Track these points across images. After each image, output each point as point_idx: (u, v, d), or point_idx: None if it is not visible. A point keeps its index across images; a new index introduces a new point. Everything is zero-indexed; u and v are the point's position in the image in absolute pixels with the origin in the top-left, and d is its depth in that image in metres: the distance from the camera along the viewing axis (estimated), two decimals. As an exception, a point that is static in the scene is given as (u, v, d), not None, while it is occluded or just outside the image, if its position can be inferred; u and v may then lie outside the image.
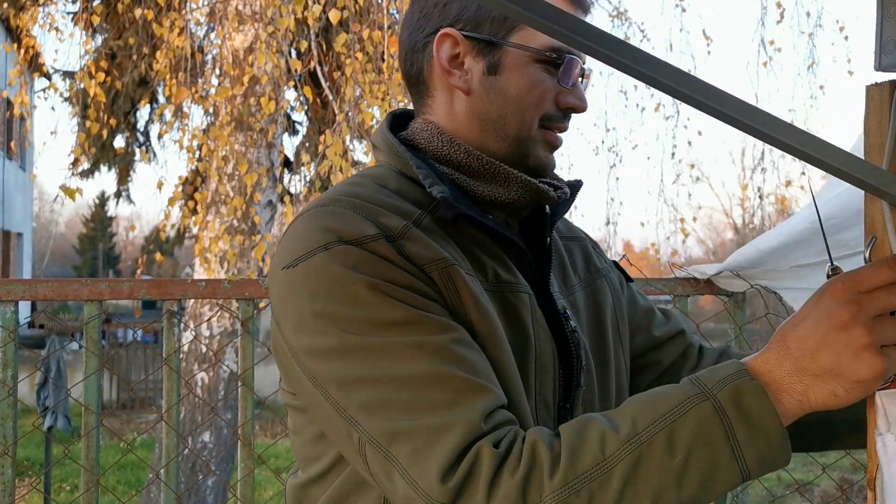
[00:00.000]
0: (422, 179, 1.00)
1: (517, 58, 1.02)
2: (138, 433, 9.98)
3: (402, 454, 0.85)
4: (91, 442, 2.09)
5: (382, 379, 0.87)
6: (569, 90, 1.04)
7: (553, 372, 1.03)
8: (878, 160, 0.88)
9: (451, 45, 1.03)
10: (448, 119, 1.06)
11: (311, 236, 0.93)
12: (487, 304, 0.96)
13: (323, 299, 0.90)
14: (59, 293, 2.05)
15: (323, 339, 0.90)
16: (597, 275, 1.21)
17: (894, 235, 0.86)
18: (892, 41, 0.89)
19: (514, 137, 1.04)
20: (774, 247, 2.27)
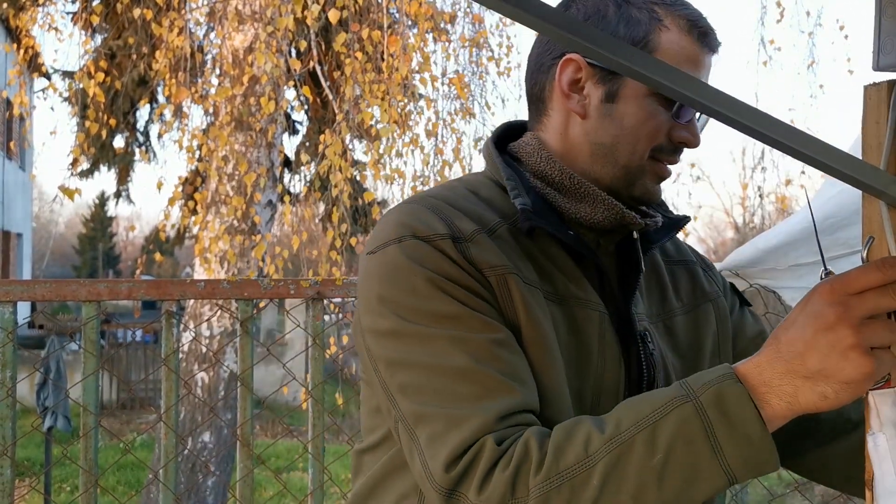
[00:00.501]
0: (508, 190, 1.05)
1: (635, 89, 1.04)
2: (138, 433, 9.98)
3: (423, 436, 0.93)
4: (89, 443, 2.09)
5: (422, 365, 0.95)
6: (682, 125, 1.06)
7: (617, 393, 1.05)
8: (876, 160, 0.87)
9: (573, 70, 1.06)
10: (559, 139, 1.10)
11: (391, 229, 1.01)
12: (542, 314, 0.99)
13: (388, 285, 0.98)
14: (57, 294, 2.05)
15: (381, 320, 0.98)
16: (702, 299, 1.20)
17: (892, 235, 0.86)
18: (890, 41, 0.89)
19: (624, 166, 1.07)
20: (773, 246, 2.27)
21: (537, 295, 1.00)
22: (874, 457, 0.83)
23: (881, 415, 0.83)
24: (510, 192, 1.05)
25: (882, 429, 0.83)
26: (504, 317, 0.98)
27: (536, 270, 1.03)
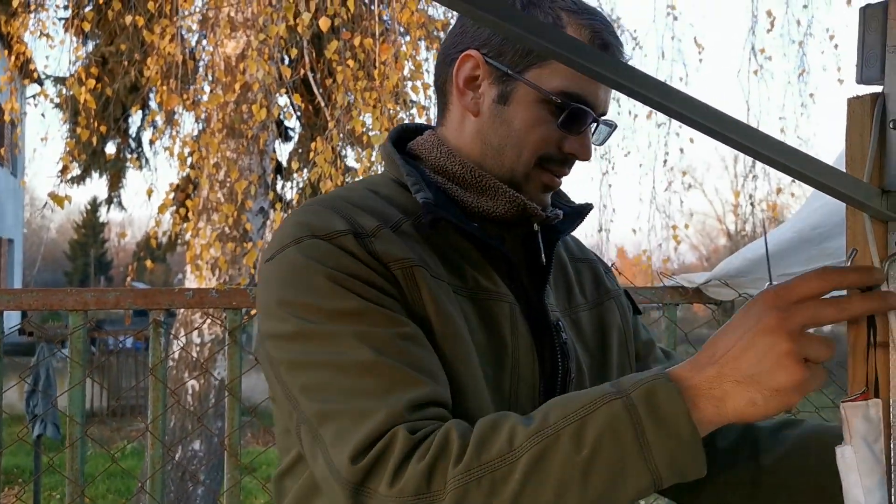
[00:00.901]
0: (409, 185, 1.04)
1: (527, 94, 1.03)
2: (128, 441, 9.93)
3: (328, 434, 0.88)
4: (76, 453, 2.07)
5: (325, 363, 0.91)
6: (574, 136, 1.05)
7: (533, 381, 1.04)
8: (860, 173, 0.88)
9: (471, 67, 1.06)
10: (456, 134, 1.10)
11: (288, 231, 0.99)
12: (451, 306, 0.98)
13: (287, 288, 0.95)
14: (44, 303, 2.03)
15: (282, 324, 0.95)
16: (606, 296, 1.22)
17: (875, 248, 0.86)
18: (874, 54, 0.89)
19: (510, 169, 1.06)
20: (761, 256, 2.28)
21: (445, 289, 0.99)
22: (840, 468, 0.83)
23: (851, 427, 0.83)
24: (411, 187, 1.03)
25: (851, 441, 0.83)
26: (411, 311, 0.95)
27: (443, 265, 1.01)
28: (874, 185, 0.87)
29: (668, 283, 2.47)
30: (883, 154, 0.88)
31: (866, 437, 0.84)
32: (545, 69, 1.02)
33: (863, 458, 0.83)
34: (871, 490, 0.82)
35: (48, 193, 5.16)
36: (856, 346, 0.88)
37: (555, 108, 1.03)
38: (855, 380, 0.88)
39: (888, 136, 0.88)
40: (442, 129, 1.12)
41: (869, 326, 0.86)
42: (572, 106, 1.02)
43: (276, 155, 6.94)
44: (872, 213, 0.86)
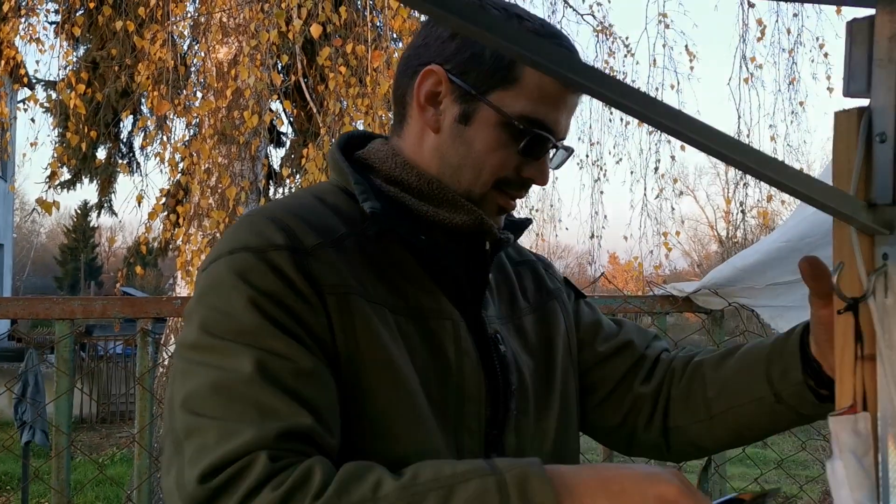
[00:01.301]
0: (357, 194, 1.01)
1: (489, 116, 1.02)
2: (118, 447, 9.88)
3: (190, 449, 0.85)
4: (62, 462, 2.06)
5: (211, 379, 0.87)
6: (532, 161, 1.04)
7: (479, 398, 1.03)
8: (846, 186, 0.88)
9: (433, 83, 1.03)
10: (414, 148, 1.07)
11: (225, 243, 0.97)
12: (388, 333, 0.96)
13: (204, 299, 0.93)
14: (30, 312, 2.02)
15: (188, 335, 0.92)
16: (548, 297, 1.21)
17: (861, 261, 0.86)
18: (860, 68, 0.90)
19: (466, 189, 1.04)
20: (750, 265, 2.29)
21: (383, 313, 0.96)
22: (832, 483, 0.83)
23: (840, 441, 0.83)
24: (359, 195, 1.01)
25: (841, 455, 0.83)
26: (335, 340, 0.92)
27: (384, 284, 0.99)
28: (860, 199, 0.87)
29: (658, 291, 2.48)
30: (869, 167, 0.88)
31: (855, 450, 0.83)
32: (509, 92, 1.01)
33: (853, 472, 0.83)
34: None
35: (36, 199, 5.14)
36: (843, 360, 0.88)
37: (516, 132, 1.01)
38: (842, 393, 0.88)
39: (874, 150, 0.88)
40: (398, 140, 1.09)
41: (856, 340, 0.86)
42: (534, 132, 1.01)
43: (267, 161, 6.92)
44: (859, 226, 0.86)
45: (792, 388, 1.08)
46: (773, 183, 0.80)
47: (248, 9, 5.31)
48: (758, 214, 8.61)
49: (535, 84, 1.01)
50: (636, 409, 1.21)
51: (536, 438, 1.10)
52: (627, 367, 1.22)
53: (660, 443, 1.22)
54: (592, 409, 1.23)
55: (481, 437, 1.03)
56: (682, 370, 1.20)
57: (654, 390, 1.21)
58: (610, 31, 8.07)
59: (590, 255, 8.67)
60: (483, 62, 1.01)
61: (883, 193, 0.87)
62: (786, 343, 1.10)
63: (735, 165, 0.79)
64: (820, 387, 1.06)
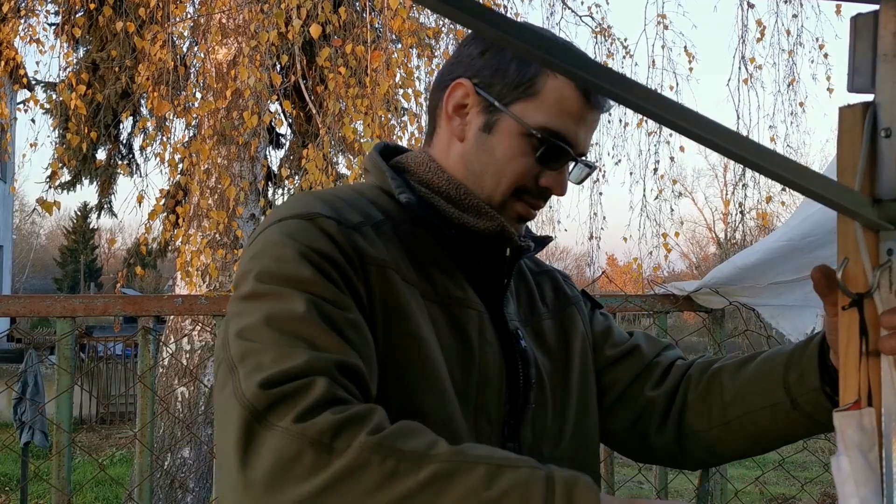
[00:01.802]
0: (393, 188, 1.08)
1: (510, 126, 1.07)
2: (117, 448, 9.87)
3: (245, 367, 0.87)
4: (62, 461, 2.05)
5: (265, 313, 0.91)
6: (551, 172, 1.09)
7: (498, 385, 1.07)
8: (851, 182, 0.88)
9: (461, 95, 1.11)
10: (442, 156, 1.14)
11: (272, 215, 1.03)
12: (419, 311, 1.01)
13: (256, 258, 0.97)
14: (31, 310, 2.02)
15: (242, 288, 0.96)
16: (566, 303, 1.26)
17: (867, 256, 0.86)
18: (865, 63, 0.89)
19: (488, 196, 1.10)
20: (752, 264, 2.28)
21: (415, 294, 1.02)
22: (836, 478, 0.83)
23: (845, 437, 0.83)
24: (395, 189, 1.08)
25: (846, 451, 0.83)
26: (373, 309, 0.97)
27: (416, 270, 1.04)
28: (865, 194, 0.87)
29: (658, 290, 2.48)
30: (874, 163, 0.88)
31: (861, 446, 0.83)
32: (530, 104, 1.07)
33: (858, 467, 0.82)
34: (867, 500, 0.82)
35: (36, 199, 5.13)
36: (847, 356, 0.88)
37: (535, 142, 1.07)
38: (847, 389, 0.88)
39: (879, 145, 0.88)
40: (429, 149, 1.16)
41: (861, 335, 0.86)
42: (551, 142, 1.07)
43: (267, 162, 6.92)
44: (864, 221, 0.86)
45: (808, 395, 1.10)
46: (777, 178, 0.80)
47: (247, 9, 5.31)
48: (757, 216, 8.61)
49: (555, 98, 1.06)
50: (647, 413, 1.24)
51: (552, 435, 1.12)
52: (636, 372, 1.26)
53: (673, 449, 1.24)
54: (604, 412, 1.25)
55: (500, 425, 1.06)
56: (700, 376, 1.23)
57: (666, 395, 1.23)
58: (609, 33, 8.07)
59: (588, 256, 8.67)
60: (507, 75, 1.07)
61: (888, 189, 0.87)
62: (804, 350, 1.12)
63: (740, 161, 0.79)
64: (836, 394, 1.06)
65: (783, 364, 1.13)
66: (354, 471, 0.79)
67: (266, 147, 6.85)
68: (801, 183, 0.79)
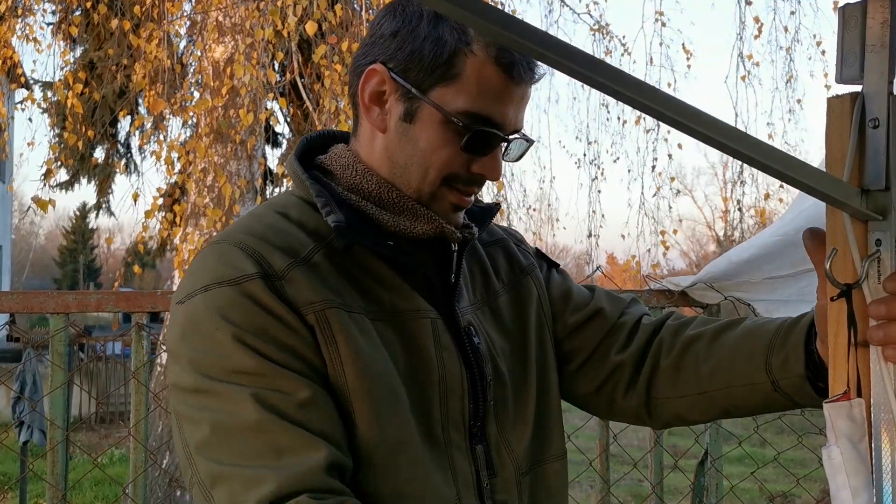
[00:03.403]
0: (319, 208, 1.00)
1: (431, 114, 1.00)
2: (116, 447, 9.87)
3: (220, 498, 0.87)
4: (57, 457, 2.05)
5: (219, 423, 0.89)
6: (482, 156, 1.02)
7: (461, 391, 1.03)
8: (839, 172, 0.88)
9: (377, 82, 1.02)
10: (367, 151, 1.06)
11: (198, 276, 0.96)
12: (369, 343, 0.96)
13: (190, 339, 0.93)
14: (25, 306, 2.01)
15: (182, 376, 0.93)
16: (521, 273, 1.21)
17: (855, 247, 0.86)
18: (853, 54, 0.89)
19: (416, 189, 1.03)
20: (747, 259, 2.28)
21: (362, 321, 0.97)
22: (828, 469, 0.83)
23: (835, 427, 0.83)
24: (321, 209, 1.00)
25: (836, 442, 0.83)
26: (322, 357, 0.93)
27: (359, 292, 0.99)
28: (854, 185, 0.87)
29: (654, 286, 2.47)
30: (862, 153, 0.88)
31: (851, 437, 0.83)
32: (449, 88, 0.99)
33: (849, 458, 0.83)
34: (858, 490, 0.82)
35: (32, 197, 5.14)
36: (836, 347, 0.88)
37: (460, 129, 0.99)
38: (836, 379, 0.88)
39: (867, 136, 0.88)
40: (355, 142, 1.08)
41: (849, 326, 0.86)
42: (476, 128, 0.99)
43: (264, 160, 6.92)
44: (852, 212, 0.86)
45: (791, 380, 1.08)
46: (765, 169, 0.80)
47: (243, 7, 5.30)
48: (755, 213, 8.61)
49: (475, 79, 0.98)
50: (613, 377, 1.21)
51: (517, 425, 1.10)
52: (601, 336, 1.22)
53: (641, 412, 1.22)
54: (568, 378, 1.22)
55: (467, 430, 1.04)
56: (673, 340, 1.19)
57: (633, 358, 1.20)
58: (607, 30, 8.07)
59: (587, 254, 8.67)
60: (423, 59, 0.99)
61: (876, 179, 0.87)
62: (789, 333, 1.09)
63: (729, 152, 0.79)
64: (819, 380, 1.05)
65: (765, 346, 1.10)
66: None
67: (263, 145, 6.84)
68: (789, 173, 0.79)
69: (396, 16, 1.02)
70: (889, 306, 0.83)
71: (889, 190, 0.86)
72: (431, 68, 0.99)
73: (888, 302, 0.83)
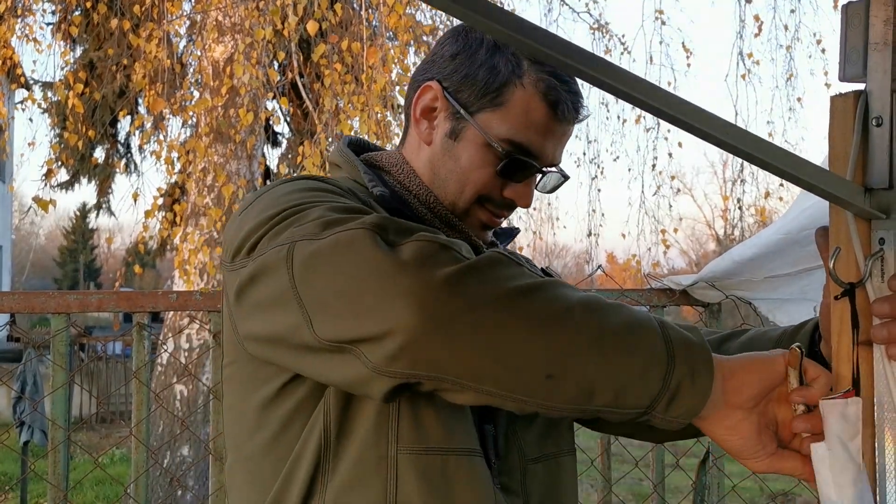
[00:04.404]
0: (366, 182, 1.07)
1: (475, 135, 1.06)
2: (117, 447, 9.88)
3: (335, 228, 0.84)
4: (59, 457, 2.05)
5: (311, 201, 0.90)
6: (516, 183, 1.08)
7: None
8: (843, 171, 0.87)
9: (431, 98, 1.09)
10: (413, 158, 1.14)
11: (270, 185, 1.01)
12: None
13: (263, 201, 0.95)
14: (26, 306, 2.01)
15: (246, 222, 0.94)
16: None
17: (859, 245, 0.86)
18: (856, 51, 0.89)
19: (452, 202, 1.10)
20: (748, 258, 2.28)
21: None
22: (815, 464, 0.84)
23: (827, 425, 0.84)
24: (368, 183, 1.06)
25: (826, 439, 0.83)
26: None
27: None
28: (857, 183, 0.87)
29: (655, 285, 2.47)
30: (866, 152, 0.88)
31: (841, 434, 0.83)
32: (496, 114, 1.05)
33: (837, 455, 0.83)
34: (842, 487, 0.82)
35: (32, 197, 5.14)
36: (840, 346, 0.88)
37: (499, 154, 1.05)
38: (840, 379, 0.88)
39: (871, 134, 0.87)
40: (403, 150, 1.15)
41: (853, 326, 0.86)
42: (514, 156, 1.05)
43: (264, 160, 6.92)
44: (856, 210, 0.86)
45: None
46: (768, 167, 0.80)
47: (243, 7, 5.30)
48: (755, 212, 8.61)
49: (521, 109, 1.05)
50: None
51: (525, 418, 1.10)
52: None
53: (643, 427, 1.22)
54: None
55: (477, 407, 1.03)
56: None
57: None
58: (606, 29, 8.07)
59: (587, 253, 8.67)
60: (476, 83, 1.06)
61: (879, 177, 0.86)
62: (793, 338, 1.10)
63: (731, 151, 0.79)
64: None
65: None
66: (492, 263, 0.80)
67: (263, 145, 6.85)
68: (793, 172, 0.79)
69: (459, 40, 1.10)
70: (893, 305, 0.83)
71: (893, 188, 0.85)
72: (482, 93, 1.06)
73: (892, 300, 0.83)
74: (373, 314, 0.78)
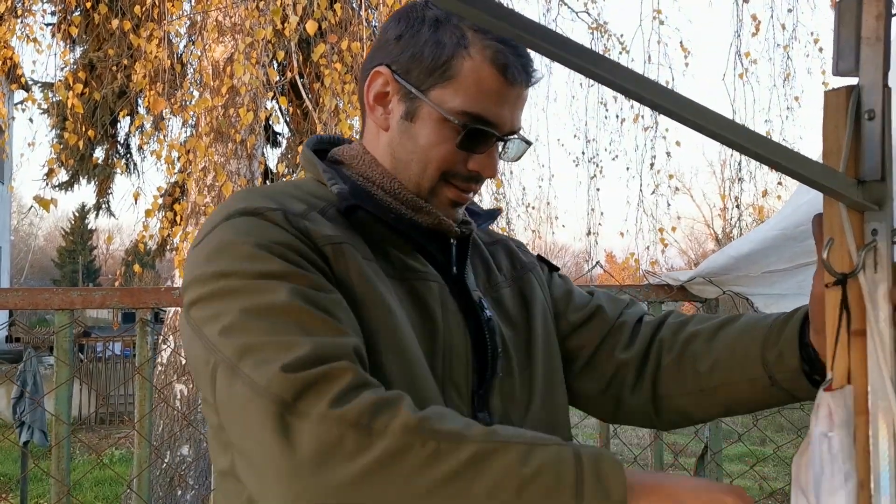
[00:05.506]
0: (325, 180, 1.07)
1: (430, 112, 1.06)
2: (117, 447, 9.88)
3: (248, 365, 0.85)
4: (62, 453, 2.06)
5: (249, 307, 0.89)
6: (478, 155, 1.07)
7: (465, 356, 1.07)
8: (836, 164, 0.89)
9: (381, 84, 1.09)
10: (373, 147, 1.13)
11: (217, 215, 1.00)
12: (380, 283, 1.00)
13: (215, 260, 0.94)
14: (29, 302, 2.03)
15: (205, 287, 0.93)
16: (522, 270, 1.26)
17: (852, 237, 0.88)
18: (848, 46, 0.91)
19: (416, 183, 1.09)
20: (745, 253, 2.29)
21: (375, 267, 1.01)
22: (826, 457, 0.84)
23: (835, 415, 0.85)
24: (328, 182, 1.07)
25: (834, 429, 0.84)
26: (340, 285, 0.96)
27: (371, 248, 1.03)
28: (850, 176, 0.88)
29: (653, 280, 2.49)
30: (858, 145, 0.89)
31: (847, 424, 0.85)
32: (448, 88, 1.05)
33: (846, 444, 0.84)
34: (850, 474, 0.83)
35: (33, 197, 5.14)
36: (834, 335, 0.89)
37: (456, 126, 1.05)
38: (839, 369, 0.89)
39: (863, 127, 0.89)
40: (363, 140, 1.15)
41: (845, 315, 0.87)
42: (471, 127, 1.04)
43: (264, 159, 6.93)
44: (849, 202, 0.87)
45: (787, 374, 1.10)
46: (764, 160, 0.81)
47: (243, 7, 5.32)
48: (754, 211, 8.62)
49: (472, 80, 1.04)
50: (619, 375, 1.23)
51: (521, 404, 1.12)
52: (602, 335, 1.25)
53: (648, 409, 1.24)
54: (575, 378, 1.25)
55: (469, 396, 1.06)
56: (673, 338, 1.22)
57: (638, 356, 1.23)
58: (605, 29, 8.08)
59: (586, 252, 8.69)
60: (423, 60, 1.05)
61: (872, 170, 0.88)
62: (783, 328, 1.11)
63: (727, 143, 0.80)
64: (815, 373, 1.07)
65: (761, 341, 1.13)
66: (397, 453, 0.80)
67: (263, 145, 6.85)
68: (786, 164, 0.81)
69: (400, 21, 1.09)
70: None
71: (885, 180, 0.87)
72: (431, 70, 1.05)
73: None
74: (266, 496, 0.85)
